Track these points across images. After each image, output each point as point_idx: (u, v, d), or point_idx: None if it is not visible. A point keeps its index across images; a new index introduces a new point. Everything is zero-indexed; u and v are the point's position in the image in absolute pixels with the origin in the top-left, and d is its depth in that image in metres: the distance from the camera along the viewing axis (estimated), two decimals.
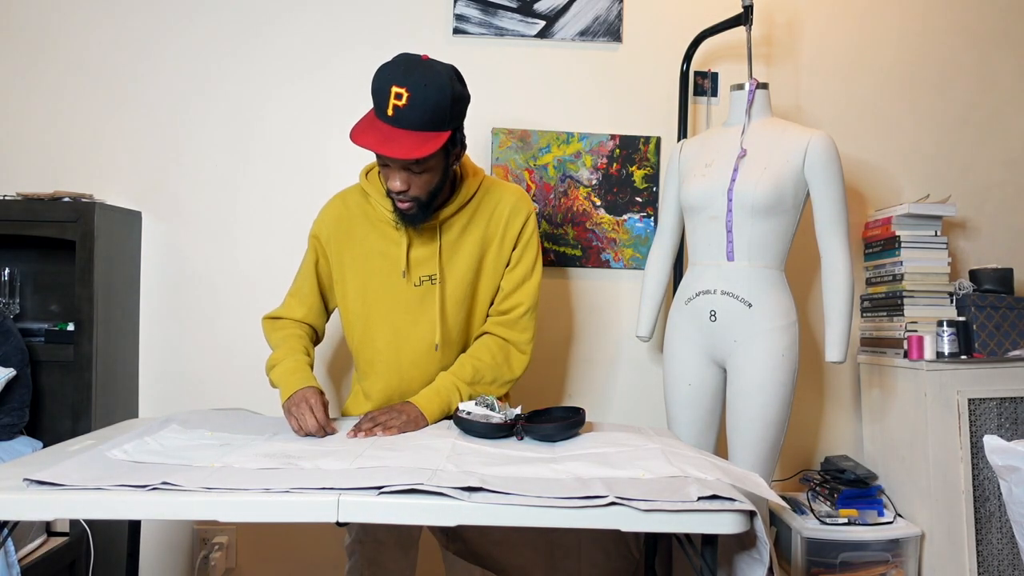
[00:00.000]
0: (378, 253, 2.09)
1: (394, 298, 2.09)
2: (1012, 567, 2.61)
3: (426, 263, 2.08)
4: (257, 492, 1.37)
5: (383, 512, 1.38)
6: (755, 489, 1.50)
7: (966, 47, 3.13)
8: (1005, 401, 2.66)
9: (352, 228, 2.11)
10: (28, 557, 2.37)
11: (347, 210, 2.13)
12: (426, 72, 1.83)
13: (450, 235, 2.09)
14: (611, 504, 1.36)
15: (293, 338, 2.12)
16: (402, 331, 2.10)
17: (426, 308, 2.09)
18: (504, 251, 2.12)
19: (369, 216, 2.11)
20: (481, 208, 2.11)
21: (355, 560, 2.21)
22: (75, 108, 2.98)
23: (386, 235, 2.09)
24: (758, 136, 2.45)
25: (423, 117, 1.81)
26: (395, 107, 1.80)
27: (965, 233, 3.13)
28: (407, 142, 1.81)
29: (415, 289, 2.08)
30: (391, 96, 1.80)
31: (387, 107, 1.81)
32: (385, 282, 2.09)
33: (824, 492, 2.78)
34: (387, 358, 2.13)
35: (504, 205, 2.11)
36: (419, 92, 1.80)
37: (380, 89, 1.82)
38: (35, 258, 2.91)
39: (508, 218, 2.11)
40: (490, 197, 2.12)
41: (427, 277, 2.08)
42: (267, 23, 3.01)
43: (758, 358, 2.35)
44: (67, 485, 1.36)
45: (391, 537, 2.19)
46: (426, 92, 1.80)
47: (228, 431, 1.85)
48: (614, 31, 3.03)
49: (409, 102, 1.80)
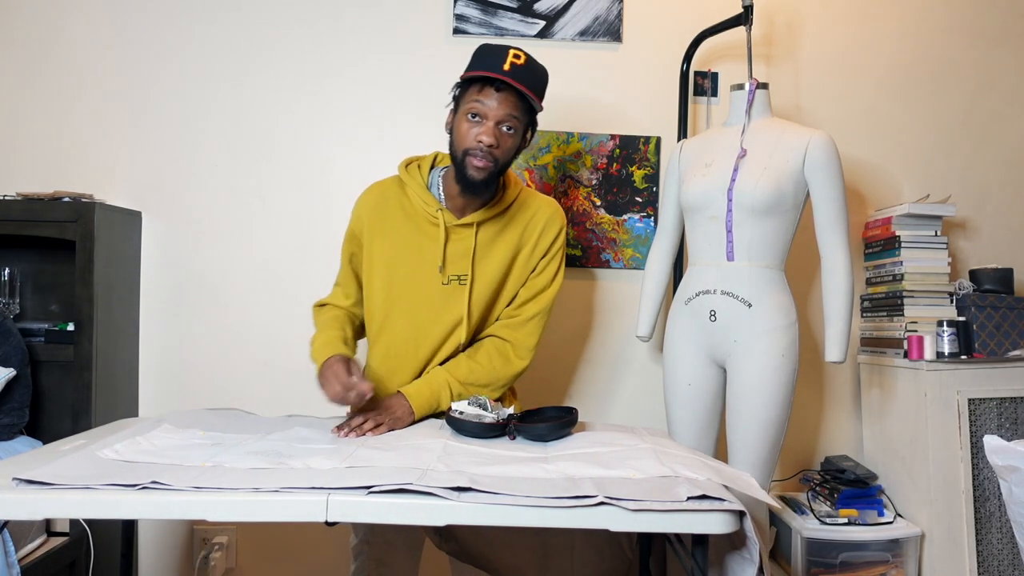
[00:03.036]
0: (410, 246, 2.10)
1: (420, 293, 2.10)
2: (1012, 567, 2.60)
3: (458, 262, 2.10)
4: (246, 491, 1.37)
5: (372, 512, 1.38)
6: (746, 489, 1.50)
7: (966, 47, 3.12)
8: (1005, 401, 2.65)
9: (387, 218, 2.13)
10: (28, 557, 2.38)
11: (384, 200, 2.15)
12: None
13: (485, 237, 2.11)
14: (600, 504, 1.36)
15: (330, 320, 2.17)
16: (423, 327, 2.12)
17: (450, 307, 2.10)
18: (533, 259, 2.16)
19: (405, 208, 2.12)
20: (518, 216, 2.14)
21: (362, 561, 2.20)
22: (75, 108, 2.99)
23: (420, 229, 2.10)
24: (758, 136, 2.44)
25: (534, 80, 1.99)
26: (513, 64, 1.94)
27: (965, 233, 3.11)
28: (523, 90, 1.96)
29: (443, 287, 2.10)
30: (509, 55, 1.95)
31: (504, 63, 1.94)
32: (413, 276, 2.10)
33: (824, 492, 2.78)
34: (404, 352, 2.14)
35: (541, 215, 2.16)
36: (531, 59, 1.99)
37: (495, 51, 1.98)
38: (35, 258, 2.92)
39: (543, 228, 2.15)
40: (527, 206, 2.16)
41: (456, 277, 2.09)
42: (266, 23, 3.01)
43: (758, 358, 2.34)
44: (56, 484, 1.36)
45: (399, 538, 2.19)
46: (535, 63, 2.00)
47: (220, 431, 1.85)
48: (614, 31, 3.02)
49: (527, 62, 1.97)
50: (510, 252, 2.12)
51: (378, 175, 2.95)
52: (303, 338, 2.95)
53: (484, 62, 1.96)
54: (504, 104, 1.94)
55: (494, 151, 1.96)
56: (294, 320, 2.98)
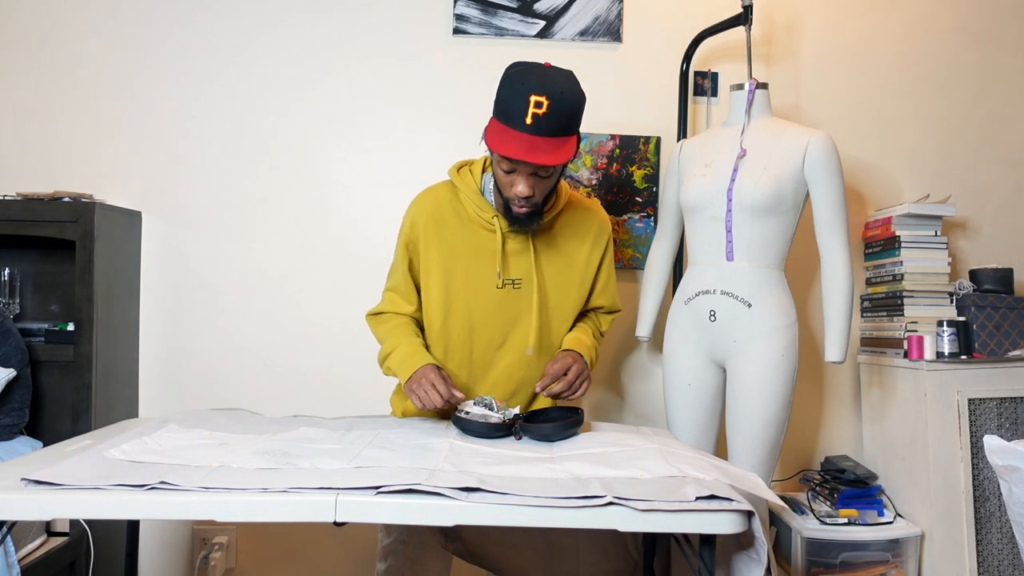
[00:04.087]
0: (466, 250, 2.11)
1: (475, 297, 2.11)
2: (1012, 567, 2.61)
3: (513, 267, 2.11)
4: (255, 492, 1.37)
5: (381, 512, 1.38)
6: (753, 489, 1.50)
7: (966, 47, 3.13)
8: (1005, 401, 2.66)
9: (443, 222, 2.13)
10: (28, 557, 2.37)
11: (438, 205, 2.15)
12: (559, 79, 1.87)
13: (540, 242, 2.13)
14: (609, 504, 1.36)
15: (402, 326, 2.18)
16: (477, 330, 2.13)
17: (503, 311, 2.12)
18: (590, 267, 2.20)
19: (459, 213, 2.13)
20: (571, 222, 2.17)
21: (394, 560, 2.16)
22: (75, 108, 2.98)
23: (476, 234, 2.11)
24: (758, 136, 2.44)
25: (561, 123, 1.86)
26: (535, 115, 1.83)
27: (965, 233, 3.12)
28: (548, 148, 1.86)
29: (497, 291, 2.11)
30: (531, 105, 1.83)
31: (526, 115, 1.83)
32: (469, 281, 2.11)
33: (824, 492, 2.78)
34: (460, 357, 2.16)
35: (592, 219, 2.20)
36: (557, 99, 1.83)
37: (516, 99, 1.85)
38: (35, 258, 2.91)
39: (596, 234, 2.21)
40: (576, 210, 2.19)
41: (511, 281, 2.11)
42: (266, 23, 3.01)
43: (758, 358, 2.34)
44: (65, 485, 1.36)
45: (435, 539, 2.19)
46: (563, 99, 1.84)
47: (226, 431, 1.85)
48: (614, 31, 3.02)
49: (549, 109, 1.83)
50: (564, 255, 2.16)
51: (378, 175, 2.99)
52: (302, 338, 2.99)
53: (504, 108, 1.88)
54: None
55: (532, 199, 1.96)
56: (294, 320, 2.98)
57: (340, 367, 2.98)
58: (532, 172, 1.91)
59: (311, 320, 2.99)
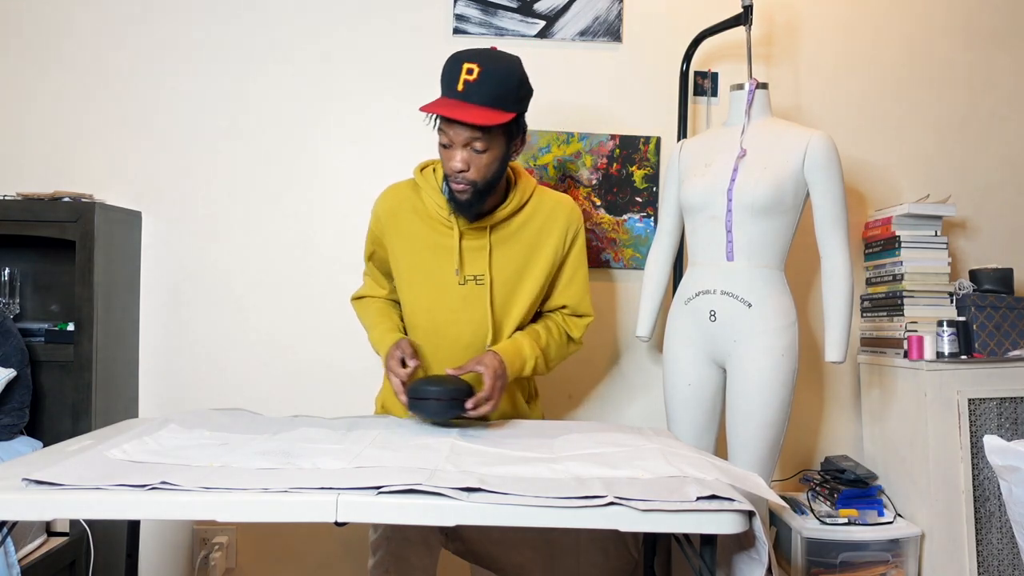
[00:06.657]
0: (426, 247, 2.12)
1: (437, 294, 2.12)
2: (1012, 567, 2.61)
3: (474, 263, 2.11)
4: (256, 492, 1.36)
5: (382, 512, 1.38)
6: (755, 489, 1.50)
7: (966, 47, 3.13)
8: (1005, 401, 2.66)
9: (403, 220, 2.15)
10: (28, 557, 2.37)
11: (399, 203, 2.17)
12: (496, 54, 1.94)
13: (499, 238, 2.12)
14: (610, 504, 1.36)
15: (380, 311, 2.27)
16: (440, 328, 2.14)
17: (467, 307, 2.12)
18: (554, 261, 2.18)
19: (419, 211, 2.14)
20: (533, 215, 2.15)
21: (381, 555, 2.18)
22: (75, 108, 2.98)
23: (436, 231, 2.12)
24: (758, 136, 2.44)
25: (492, 91, 1.89)
26: (465, 81, 1.88)
27: (965, 233, 3.12)
28: (475, 113, 1.88)
29: (459, 288, 2.11)
30: (462, 72, 1.88)
31: (458, 83, 1.89)
32: (429, 277, 2.13)
33: (824, 492, 2.78)
34: (428, 352, 2.17)
35: (559, 212, 2.17)
36: (489, 67, 1.89)
37: (451, 68, 1.91)
38: (35, 258, 2.91)
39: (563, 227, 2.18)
40: (542, 205, 2.17)
41: (472, 277, 2.11)
42: (267, 24, 3.01)
43: (758, 358, 2.34)
44: (66, 485, 1.36)
45: (418, 535, 2.19)
46: (496, 67, 1.90)
47: (227, 431, 1.84)
48: (614, 31, 3.02)
49: (479, 76, 1.88)
50: (527, 251, 2.14)
51: (377, 175, 2.98)
52: (303, 338, 2.99)
53: (442, 84, 1.94)
54: (464, 126, 1.92)
55: (467, 175, 1.96)
56: (294, 320, 2.98)
57: (340, 367, 2.98)
58: (466, 143, 1.92)
59: (311, 320, 2.99)
